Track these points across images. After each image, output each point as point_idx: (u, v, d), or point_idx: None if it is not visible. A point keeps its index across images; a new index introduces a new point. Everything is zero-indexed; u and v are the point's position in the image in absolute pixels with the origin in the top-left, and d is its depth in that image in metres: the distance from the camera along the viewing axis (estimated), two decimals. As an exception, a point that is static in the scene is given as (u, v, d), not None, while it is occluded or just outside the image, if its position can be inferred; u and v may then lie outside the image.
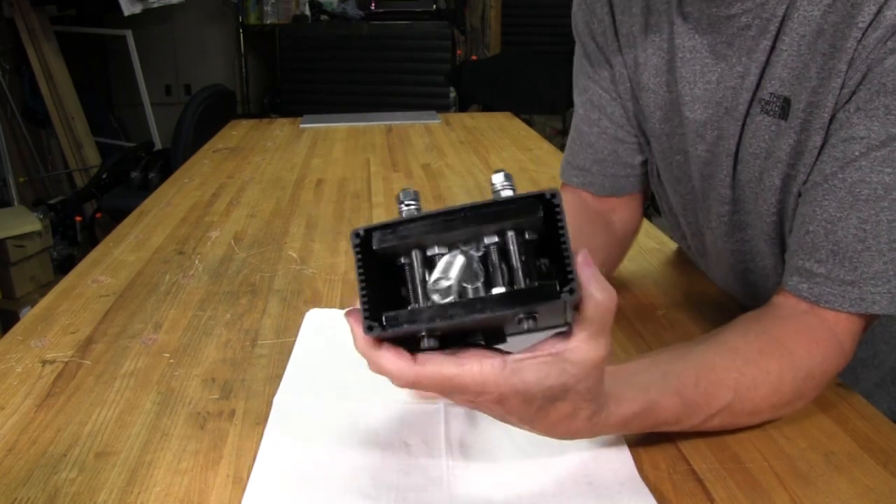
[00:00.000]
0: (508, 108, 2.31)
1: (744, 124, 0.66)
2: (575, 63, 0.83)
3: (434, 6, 4.07)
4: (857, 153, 0.56)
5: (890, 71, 0.54)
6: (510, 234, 0.41)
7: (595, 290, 0.41)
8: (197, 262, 0.98)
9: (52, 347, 0.74)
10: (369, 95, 3.83)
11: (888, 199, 0.55)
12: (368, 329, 0.40)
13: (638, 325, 0.78)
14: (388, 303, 0.41)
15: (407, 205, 0.42)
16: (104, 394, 0.65)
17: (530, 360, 0.42)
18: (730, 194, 0.71)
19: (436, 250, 0.41)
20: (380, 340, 0.42)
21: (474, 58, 4.16)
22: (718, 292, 0.86)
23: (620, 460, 0.55)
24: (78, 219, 3.05)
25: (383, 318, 0.40)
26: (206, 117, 2.87)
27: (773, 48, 0.61)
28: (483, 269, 0.41)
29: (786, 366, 0.56)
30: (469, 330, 0.43)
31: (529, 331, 0.41)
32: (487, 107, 3.54)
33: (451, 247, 0.41)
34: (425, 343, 0.41)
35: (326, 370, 0.68)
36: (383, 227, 0.41)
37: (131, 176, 2.97)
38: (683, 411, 0.53)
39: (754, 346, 0.57)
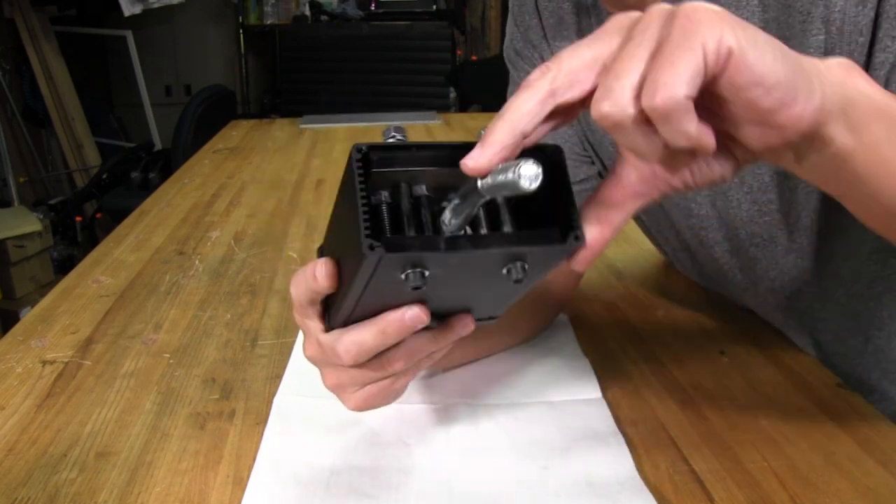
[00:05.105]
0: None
1: None
2: (509, 92, 0.80)
3: (434, 6, 4.06)
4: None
5: None
6: None
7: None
8: (197, 262, 0.98)
9: (52, 347, 0.74)
10: (369, 96, 3.82)
11: None
12: (370, 248, 0.35)
13: (638, 325, 0.78)
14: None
15: (392, 137, 0.40)
16: (104, 394, 0.65)
17: None
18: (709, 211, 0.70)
19: (423, 191, 0.39)
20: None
21: (474, 58, 4.16)
22: (717, 293, 0.86)
23: (620, 461, 0.55)
24: (78, 219, 3.05)
25: (383, 241, 0.36)
26: (206, 118, 2.87)
27: None
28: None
29: None
30: (449, 285, 0.41)
31: (516, 282, 0.39)
32: (487, 107, 3.53)
33: (439, 188, 0.39)
34: (412, 280, 0.37)
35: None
36: (384, 147, 0.38)
37: (131, 176, 2.98)
38: None
39: None
